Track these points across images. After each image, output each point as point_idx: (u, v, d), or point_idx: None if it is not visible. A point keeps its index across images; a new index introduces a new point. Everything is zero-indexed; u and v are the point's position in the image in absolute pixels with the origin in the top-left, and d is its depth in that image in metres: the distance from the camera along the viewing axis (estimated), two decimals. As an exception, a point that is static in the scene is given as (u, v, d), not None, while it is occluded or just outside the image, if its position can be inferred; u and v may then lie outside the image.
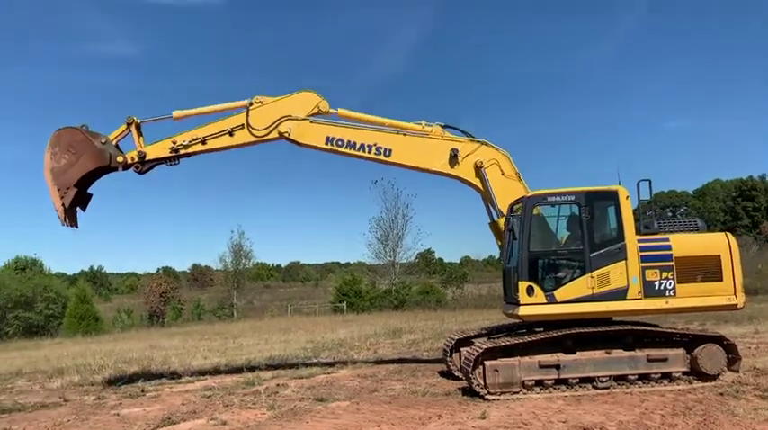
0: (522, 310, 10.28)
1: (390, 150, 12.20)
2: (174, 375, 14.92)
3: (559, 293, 10.22)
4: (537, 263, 10.51)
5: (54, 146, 11.71)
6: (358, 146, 12.19)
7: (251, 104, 12.10)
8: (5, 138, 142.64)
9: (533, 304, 10.23)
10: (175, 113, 12.19)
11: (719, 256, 10.34)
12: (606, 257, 10.23)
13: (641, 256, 10.26)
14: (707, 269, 10.32)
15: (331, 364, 15.15)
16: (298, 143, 12.27)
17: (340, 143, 12.20)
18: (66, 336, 41.23)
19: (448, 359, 12.47)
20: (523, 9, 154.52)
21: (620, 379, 10.13)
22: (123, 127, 12.10)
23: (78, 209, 12.20)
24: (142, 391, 12.70)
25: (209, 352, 20.81)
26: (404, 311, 43.37)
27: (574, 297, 10.18)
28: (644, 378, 10.17)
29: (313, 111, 12.36)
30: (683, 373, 10.24)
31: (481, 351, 10.03)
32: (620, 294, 10.17)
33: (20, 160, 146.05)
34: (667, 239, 10.48)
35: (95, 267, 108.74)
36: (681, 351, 10.24)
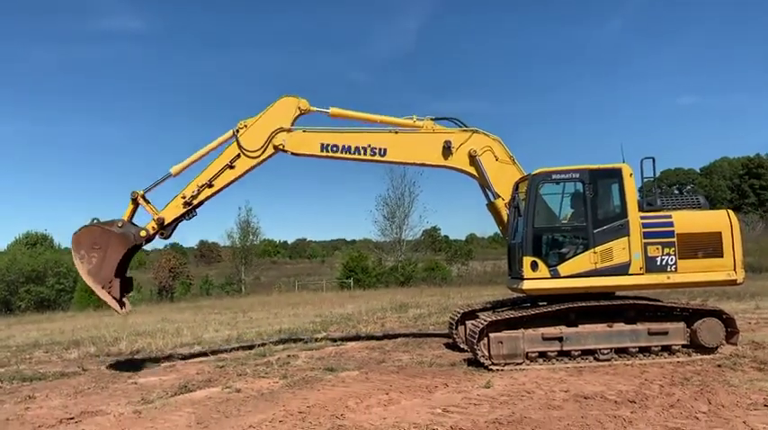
0: (527, 284, 10.57)
1: (385, 150, 12.40)
2: (186, 346, 15.36)
3: (563, 268, 10.49)
4: (541, 239, 10.77)
5: (78, 250, 11.73)
6: (353, 149, 12.37)
7: (237, 131, 12.19)
8: (10, 113, 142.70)
9: (537, 278, 10.52)
10: (173, 170, 12.19)
11: (720, 233, 10.55)
12: (609, 233, 10.46)
13: (644, 233, 10.48)
14: (708, 245, 10.54)
15: (340, 337, 15.54)
16: (294, 154, 12.42)
17: (335, 149, 12.39)
18: (77, 310, 41.87)
19: (453, 332, 12.82)
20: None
21: (621, 351, 10.45)
22: (131, 204, 12.16)
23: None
24: (157, 362, 13.12)
25: (220, 325, 21.26)
26: (410, 287, 43.79)
27: (577, 272, 10.45)
28: (644, 350, 10.48)
29: (296, 114, 12.48)
30: (683, 346, 10.53)
31: (486, 323, 10.35)
32: (622, 269, 10.43)
33: (25, 132, 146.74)
34: (670, 216, 10.69)
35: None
36: (681, 324, 10.54)
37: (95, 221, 11.95)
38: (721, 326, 10.46)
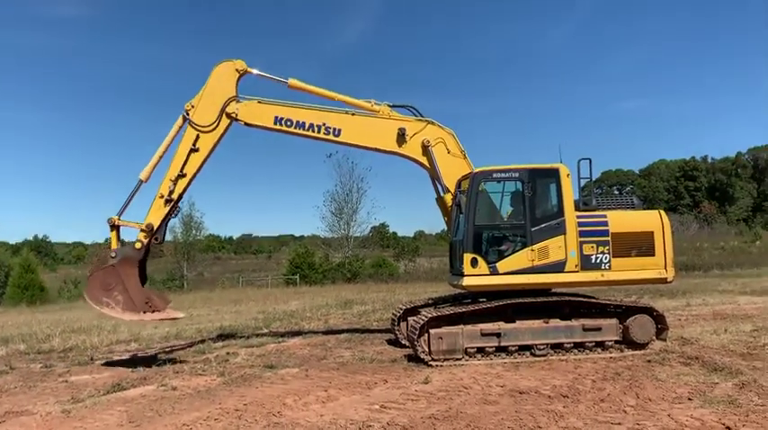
0: (467, 281, 10.70)
1: (339, 130, 12.30)
2: (122, 343, 14.95)
3: (501, 265, 10.66)
4: (481, 236, 10.91)
5: (100, 302, 11.37)
6: (307, 125, 12.22)
7: (187, 113, 11.93)
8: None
9: (477, 275, 10.66)
10: (142, 175, 11.86)
11: (653, 233, 10.94)
12: (546, 232, 10.70)
13: (579, 231, 10.77)
14: (641, 244, 10.91)
15: (282, 334, 15.41)
16: (246, 124, 12.21)
17: (288, 123, 12.22)
18: (9, 306, 40.18)
19: (396, 328, 12.88)
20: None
21: (557, 347, 10.70)
22: (112, 231, 11.79)
23: None
24: (91, 359, 12.72)
25: (160, 322, 20.71)
26: (356, 284, 43.81)
27: (515, 269, 10.64)
28: (579, 346, 10.76)
29: (237, 77, 12.16)
30: (616, 342, 10.88)
31: (426, 319, 10.45)
32: (558, 267, 10.68)
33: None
34: (605, 216, 11.01)
35: (40, 236, 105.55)
36: (614, 321, 10.87)
37: (91, 271, 11.84)
38: (652, 323, 10.85)
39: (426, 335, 10.46)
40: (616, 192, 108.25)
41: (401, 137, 12.38)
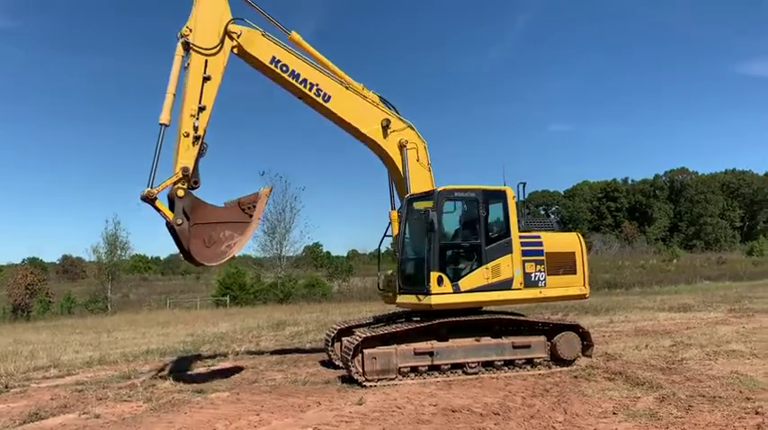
0: (435, 299, 10.61)
1: (330, 97, 11.83)
2: (41, 369, 14.19)
3: (463, 283, 10.79)
4: (446, 254, 11.04)
5: (223, 254, 10.36)
6: (300, 79, 11.61)
7: (182, 37, 10.65)
8: None
9: (443, 293, 10.66)
10: (162, 119, 10.32)
11: (575, 253, 11.70)
12: (498, 250, 11.05)
13: (522, 251, 11.23)
14: (566, 263, 11.58)
15: (212, 357, 15.02)
16: (244, 51, 11.21)
17: (284, 69, 11.50)
18: None
19: (329, 349, 12.77)
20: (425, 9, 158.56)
21: (488, 365, 10.90)
22: (158, 204, 10.01)
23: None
24: (6, 387, 12.01)
25: (82, 346, 19.82)
26: (289, 304, 43.23)
27: (474, 286, 10.83)
28: (509, 364, 11.01)
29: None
30: (544, 359, 11.19)
31: (360, 340, 10.43)
32: (507, 284, 11.02)
33: None
34: (539, 236, 11.57)
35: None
36: (542, 338, 11.20)
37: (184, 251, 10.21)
38: (578, 340, 11.25)
39: (360, 355, 10.43)
40: (542, 213, 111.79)
41: (384, 128, 12.17)
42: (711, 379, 9.89)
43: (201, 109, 10.57)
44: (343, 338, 12.16)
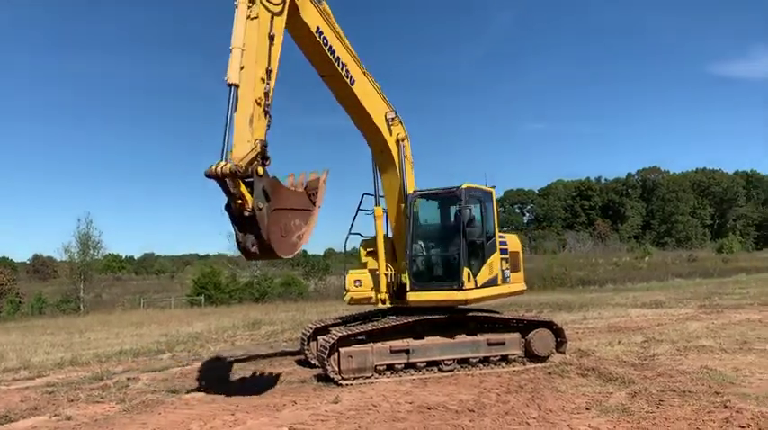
0: (472, 294, 10.88)
1: (354, 81, 11.24)
2: (11, 371, 13.93)
3: (478, 279, 11.06)
4: (470, 251, 11.08)
5: (295, 246, 8.97)
6: (336, 56, 10.82)
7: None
8: None
9: (472, 289, 10.90)
10: (229, 78, 8.61)
11: (519, 252, 12.65)
12: (491, 248, 11.48)
13: (500, 249, 11.66)
14: (516, 262, 12.43)
15: (186, 357, 14.88)
16: (296, 18, 10.02)
17: (325, 42, 10.57)
18: None
19: (305, 348, 12.73)
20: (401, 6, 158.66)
21: (463, 362, 10.98)
22: (237, 181, 8.19)
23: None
24: (-26, 390, 11.77)
25: (53, 347, 19.49)
26: (265, 303, 43.03)
27: (483, 282, 11.14)
28: (484, 361, 11.10)
29: None
30: (519, 356, 11.30)
31: (336, 338, 10.42)
32: (495, 280, 11.40)
33: None
34: (504, 236, 12.11)
35: None
36: (516, 335, 11.31)
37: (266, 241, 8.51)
38: (552, 337, 11.38)
39: (336, 353, 10.43)
40: (517, 211, 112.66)
41: (388, 121, 11.90)
42: (682, 374, 10.06)
43: (269, 71, 9.32)
44: (319, 337, 12.13)
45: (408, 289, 11.16)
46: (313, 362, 12.30)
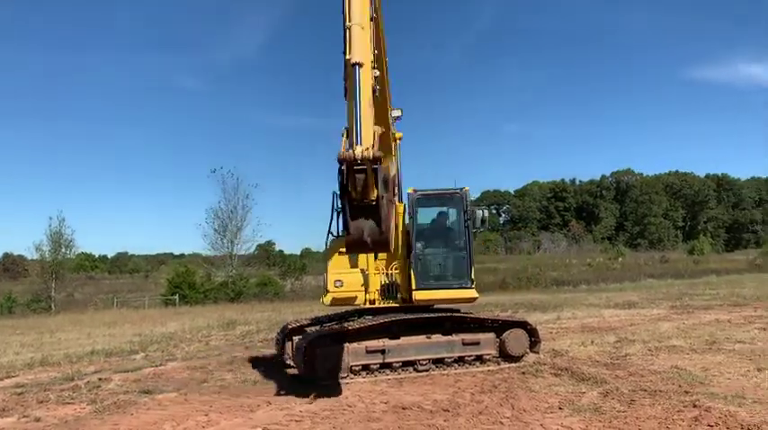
0: (476, 292, 11.25)
1: (385, 67, 10.00)
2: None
3: (473, 277, 11.34)
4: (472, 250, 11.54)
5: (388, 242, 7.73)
6: (383, 35, 9.51)
7: None
8: None
9: (474, 287, 11.24)
10: (361, 57, 7.49)
11: None
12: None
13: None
14: None
15: (159, 357, 14.72)
16: None
17: (373, 18, 8.33)
18: None
19: (281, 348, 12.67)
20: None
21: (439, 362, 11.02)
22: (366, 168, 7.20)
23: None
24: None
25: (23, 347, 19.15)
26: (240, 303, 42.74)
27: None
28: (459, 361, 11.15)
29: None
30: (493, 356, 11.37)
31: (311, 338, 10.39)
32: (472, 281, 11.46)
33: None
34: None
35: None
36: (491, 335, 11.38)
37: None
38: (526, 337, 11.46)
39: (311, 354, 10.39)
40: (494, 212, 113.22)
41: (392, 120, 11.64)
42: (653, 373, 10.21)
43: (376, 55, 8.35)
44: (294, 337, 12.08)
45: (414, 288, 11.17)
46: (289, 362, 12.24)
